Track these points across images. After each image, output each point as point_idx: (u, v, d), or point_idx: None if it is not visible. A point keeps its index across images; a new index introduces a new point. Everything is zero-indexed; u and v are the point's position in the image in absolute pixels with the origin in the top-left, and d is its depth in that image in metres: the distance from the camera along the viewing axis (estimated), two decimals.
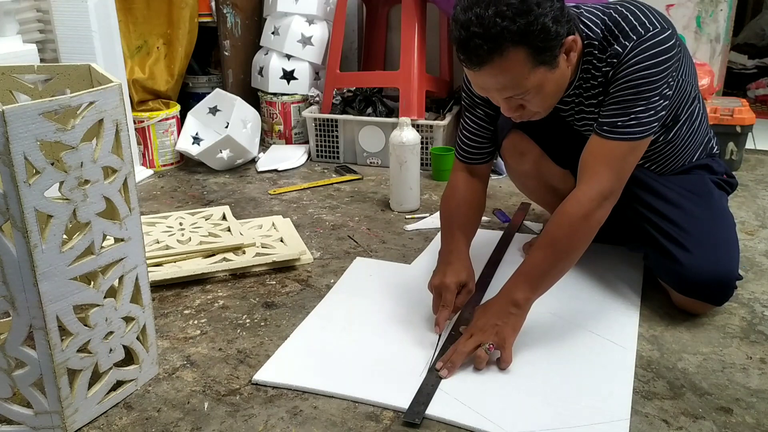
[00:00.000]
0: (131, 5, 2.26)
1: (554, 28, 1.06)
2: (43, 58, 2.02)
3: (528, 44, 1.06)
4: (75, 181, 0.91)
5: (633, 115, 1.14)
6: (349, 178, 2.16)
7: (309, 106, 2.43)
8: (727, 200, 1.42)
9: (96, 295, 0.99)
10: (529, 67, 1.08)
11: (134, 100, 2.26)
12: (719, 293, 1.25)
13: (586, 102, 1.27)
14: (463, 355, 1.12)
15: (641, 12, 1.17)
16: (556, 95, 1.19)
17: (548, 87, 1.14)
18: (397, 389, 1.08)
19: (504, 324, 1.14)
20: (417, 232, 1.73)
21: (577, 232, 1.15)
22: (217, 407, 1.05)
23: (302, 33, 2.39)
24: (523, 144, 1.43)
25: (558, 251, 1.15)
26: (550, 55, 1.09)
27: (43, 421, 0.98)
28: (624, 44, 1.15)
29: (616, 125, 1.15)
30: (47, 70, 1.17)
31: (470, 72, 1.12)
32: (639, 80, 1.13)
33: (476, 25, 1.04)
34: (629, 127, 1.15)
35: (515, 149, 1.45)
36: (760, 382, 1.10)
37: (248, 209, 1.91)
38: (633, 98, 1.14)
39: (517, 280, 1.16)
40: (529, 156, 1.44)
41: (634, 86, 1.14)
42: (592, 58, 1.20)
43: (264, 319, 1.32)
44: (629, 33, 1.15)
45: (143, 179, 2.19)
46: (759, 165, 2.26)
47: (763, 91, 3.16)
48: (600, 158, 1.16)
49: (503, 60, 1.06)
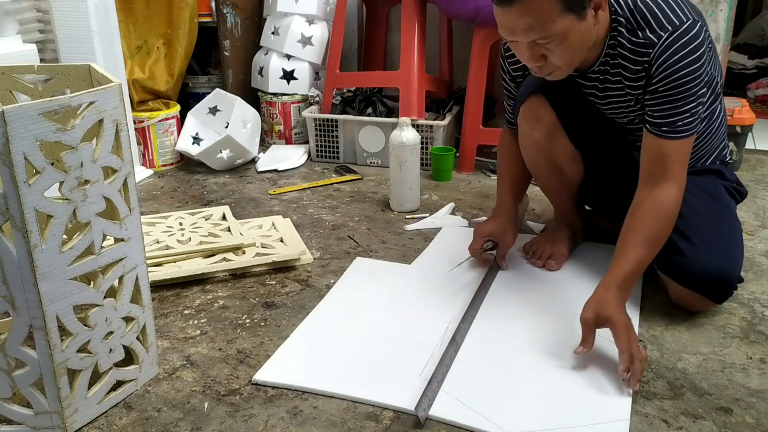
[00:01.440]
0: (131, 5, 2.26)
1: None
2: (43, 58, 2.02)
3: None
4: (75, 181, 0.91)
5: (688, 112, 1.19)
6: (349, 178, 2.16)
7: (309, 106, 2.43)
8: (736, 208, 1.42)
9: (96, 295, 0.99)
10: (558, 11, 1.11)
11: (134, 100, 2.26)
12: (719, 290, 1.25)
13: (612, 79, 1.28)
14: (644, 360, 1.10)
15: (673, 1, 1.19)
16: (579, 51, 1.20)
17: (573, 38, 1.15)
18: (396, 389, 1.08)
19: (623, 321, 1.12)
20: (417, 232, 1.73)
21: (670, 229, 1.22)
22: (217, 407, 1.06)
23: (302, 33, 2.39)
24: (541, 110, 1.42)
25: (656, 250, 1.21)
26: (579, 4, 1.12)
27: (43, 421, 0.98)
28: (659, 34, 1.17)
29: (677, 125, 1.20)
30: (47, 70, 1.17)
31: (500, 12, 1.15)
32: (686, 76, 1.17)
33: None
34: (688, 124, 1.20)
35: (532, 114, 1.44)
36: (760, 382, 1.10)
37: (248, 209, 1.91)
38: (684, 95, 1.18)
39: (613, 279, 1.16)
40: (544, 122, 1.42)
41: (682, 83, 1.17)
42: (618, 35, 1.22)
43: (264, 319, 1.32)
44: (663, 23, 1.17)
45: (143, 179, 2.19)
46: (759, 165, 2.26)
47: (763, 91, 3.16)
48: (674, 158, 1.21)
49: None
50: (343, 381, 1.11)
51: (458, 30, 2.54)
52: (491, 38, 2.08)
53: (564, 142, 1.44)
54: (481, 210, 1.88)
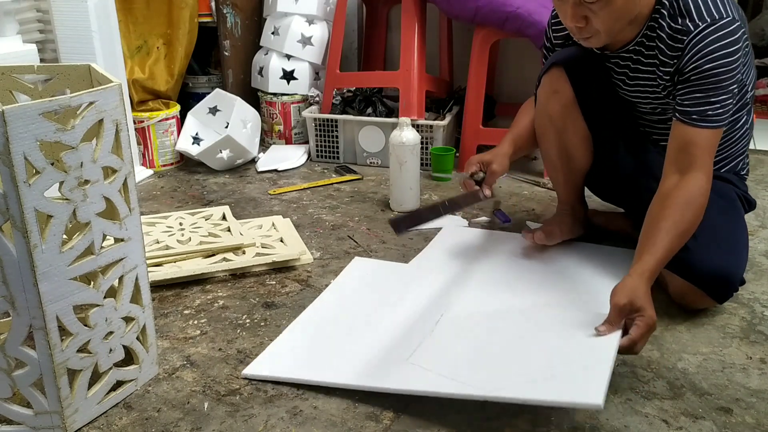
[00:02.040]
0: (131, 5, 2.26)
1: None
2: (43, 58, 2.02)
3: None
4: (75, 181, 0.91)
5: (719, 103, 1.19)
6: (349, 178, 2.16)
7: (309, 106, 2.43)
8: (743, 213, 1.42)
9: (96, 295, 0.99)
10: None
11: (134, 100, 2.26)
12: (721, 288, 1.25)
13: (645, 61, 1.29)
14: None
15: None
16: (621, 18, 1.21)
17: (617, 4, 1.17)
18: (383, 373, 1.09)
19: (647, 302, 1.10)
20: (417, 232, 1.73)
21: (699, 218, 1.20)
22: (217, 407, 1.06)
23: (302, 33, 2.39)
24: (560, 82, 1.42)
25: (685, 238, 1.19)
26: None
27: (43, 421, 0.98)
28: (697, 24, 1.18)
29: (707, 114, 1.19)
30: (47, 70, 1.17)
31: None
32: (718, 68, 1.17)
33: None
34: (718, 115, 1.19)
35: (551, 86, 1.44)
36: (760, 382, 1.10)
37: (248, 209, 1.91)
38: (715, 86, 1.18)
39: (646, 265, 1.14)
40: (561, 96, 1.42)
41: (714, 74, 1.18)
42: (659, 18, 1.23)
43: (264, 319, 1.32)
44: (703, 13, 1.18)
45: (143, 179, 2.19)
46: (759, 165, 2.26)
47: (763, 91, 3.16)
48: (701, 147, 1.20)
49: None
50: (332, 371, 1.11)
51: (458, 30, 2.54)
52: (491, 38, 2.08)
53: (578, 121, 1.43)
54: (482, 210, 1.88)
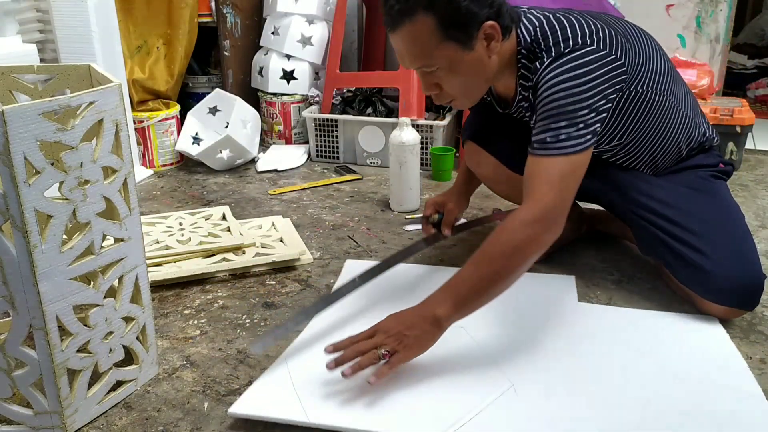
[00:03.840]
0: (131, 5, 2.26)
1: (466, 3, 1.09)
2: (43, 58, 2.02)
3: (436, 13, 1.08)
4: (75, 181, 0.91)
5: (562, 130, 1.11)
6: (349, 178, 2.16)
7: (309, 106, 2.44)
8: (728, 188, 1.39)
9: (96, 295, 0.99)
10: (438, 39, 1.10)
11: (134, 100, 2.26)
12: (749, 298, 1.23)
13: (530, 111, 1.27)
14: (357, 353, 1.02)
15: (575, 25, 1.16)
16: (471, 82, 1.19)
17: (461, 68, 1.15)
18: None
19: (414, 336, 1.03)
20: (417, 233, 1.73)
21: (514, 254, 1.07)
22: (217, 407, 1.05)
23: (302, 33, 2.39)
24: (479, 155, 1.49)
25: (492, 272, 1.06)
26: (462, 33, 1.11)
27: (43, 421, 0.98)
28: (543, 61, 1.15)
29: (546, 141, 1.12)
30: (47, 70, 1.17)
31: (390, 36, 1.16)
32: (559, 97, 1.11)
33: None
34: (559, 142, 1.11)
35: (472, 159, 1.52)
36: (760, 382, 1.10)
37: (248, 209, 1.91)
38: (558, 113, 1.12)
39: (444, 295, 1.06)
40: (486, 165, 1.48)
41: (555, 102, 1.12)
42: (521, 67, 1.21)
43: (264, 319, 1.32)
44: (552, 48, 1.15)
45: (143, 179, 2.19)
46: (759, 165, 2.26)
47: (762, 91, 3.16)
48: (538, 177, 1.12)
49: (413, 25, 1.10)
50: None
51: None
52: None
53: (510, 175, 1.46)
54: (481, 210, 1.88)
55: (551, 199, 1.09)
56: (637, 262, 1.52)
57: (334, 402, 1.02)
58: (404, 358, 1.03)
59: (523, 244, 1.07)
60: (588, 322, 1.27)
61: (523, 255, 1.07)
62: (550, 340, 1.20)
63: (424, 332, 1.04)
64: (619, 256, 1.56)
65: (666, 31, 2.40)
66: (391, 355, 1.02)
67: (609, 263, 1.53)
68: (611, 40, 1.16)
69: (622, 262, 1.53)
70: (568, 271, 1.48)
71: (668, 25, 2.41)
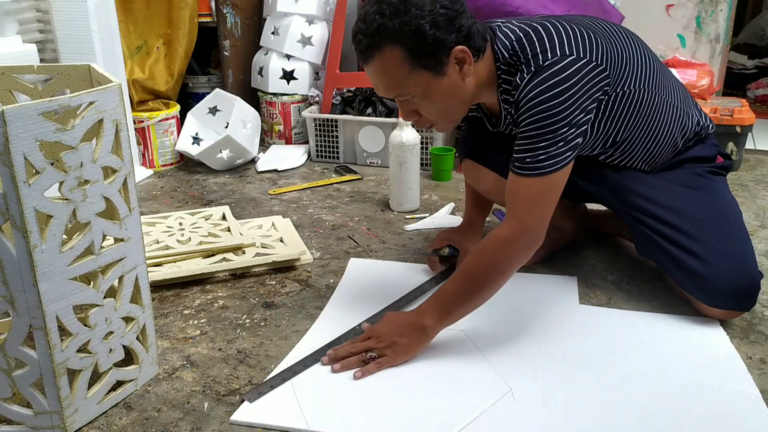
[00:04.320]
0: (131, 5, 2.26)
1: (432, 32, 1.07)
2: (43, 58, 2.02)
3: (403, 44, 1.08)
4: (75, 181, 0.91)
5: (541, 150, 1.12)
6: (349, 178, 2.16)
7: (309, 106, 2.44)
8: (726, 184, 1.38)
9: (96, 295, 0.99)
10: (408, 68, 1.10)
11: (134, 100, 2.26)
12: (747, 299, 1.24)
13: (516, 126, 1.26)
14: (349, 353, 1.14)
15: (552, 34, 1.15)
16: (448, 107, 1.19)
17: (436, 94, 1.14)
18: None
19: (402, 344, 1.13)
20: (417, 233, 1.73)
21: (495, 270, 1.14)
22: (217, 407, 1.05)
23: (302, 33, 2.39)
24: (478, 170, 1.48)
25: (474, 286, 1.14)
26: (432, 61, 1.10)
27: (43, 421, 0.98)
28: (523, 76, 1.13)
29: (525, 161, 1.13)
30: (47, 70, 1.17)
31: (364, 68, 1.16)
32: (538, 116, 1.11)
33: (361, 21, 1.11)
34: (539, 162, 1.12)
35: (471, 175, 1.52)
36: (760, 382, 1.10)
37: (248, 209, 1.91)
38: (537, 133, 1.12)
39: (430, 306, 1.16)
40: (485, 179, 1.47)
41: (535, 122, 1.11)
42: (502, 82, 1.20)
43: (264, 319, 1.32)
44: (530, 61, 1.13)
45: (143, 179, 2.19)
46: (759, 165, 2.26)
47: (762, 91, 3.16)
48: (518, 197, 1.15)
49: (382, 57, 1.10)
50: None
51: None
52: None
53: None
54: None
55: (530, 219, 1.14)
56: (637, 262, 1.52)
57: (333, 409, 1.04)
58: (392, 361, 1.13)
59: (502, 263, 1.14)
60: (588, 324, 1.27)
61: (502, 272, 1.15)
62: (550, 343, 1.21)
63: (412, 339, 1.14)
64: (619, 256, 1.56)
65: (666, 31, 2.40)
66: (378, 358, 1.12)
67: (609, 263, 1.53)
68: (591, 45, 1.15)
69: (622, 262, 1.53)
70: (568, 271, 1.48)
71: (668, 25, 2.41)
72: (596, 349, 1.19)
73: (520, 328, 1.26)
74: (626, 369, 1.13)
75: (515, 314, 1.30)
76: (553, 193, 1.15)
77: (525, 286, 1.42)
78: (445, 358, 1.16)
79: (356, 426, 1.00)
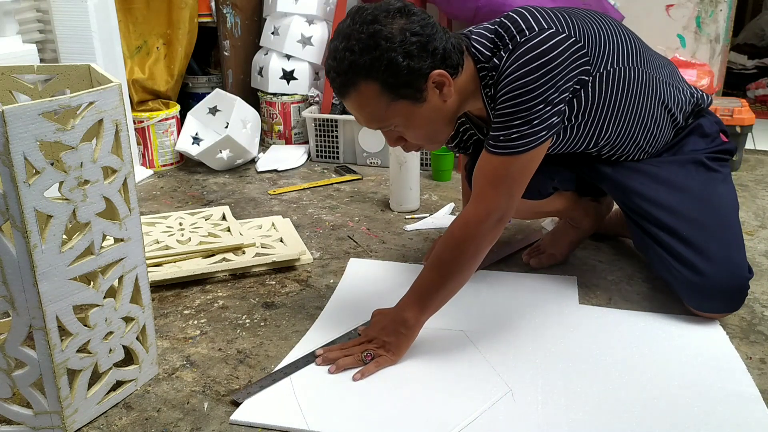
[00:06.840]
0: (131, 5, 2.26)
1: (406, 63, 1.05)
2: (43, 58, 2.02)
3: (377, 78, 1.06)
4: (75, 182, 0.91)
5: (515, 129, 1.10)
6: (349, 178, 2.16)
7: (309, 106, 2.44)
8: (729, 172, 1.35)
9: (96, 295, 0.99)
10: (387, 100, 1.08)
11: (134, 101, 2.26)
12: (735, 302, 1.25)
13: None
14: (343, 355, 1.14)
15: (527, 16, 1.13)
16: (434, 128, 1.17)
17: (418, 121, 1.13)
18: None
19: (391, 342, 1.14)
20: (417, 233, 1.73)
21: (463, 254, 1.12)
22: (216, 407, 1.06)
23: (302, 33, 2.39)
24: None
25: (446, 272, 1.13)
26: (410, 90, 1.08)
27: (43, 422, 0.98)
28: (501, 56, 1.12)
29: (499, 140, 1.11)
30: (47, 70, 1.17)
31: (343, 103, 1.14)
32: (514, 92, 1.09)
33: (332, 59, 1.08)
34: (511, 141, 1.10)
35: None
36: (760, 382, 1.10)
37: (248, 209, 1.91)
38: (512, 111, 1.10)
39: (408, 300, 1.16)
40: None
41: (510, 99, 1.09)
42: (484, 85, 1.18)
43: (264, 320, 1.32)
44: (508, 43, 1.12)
45: (143, 179, 2.19)
46: (759, 165, 2.26)
47: (762, 92, 3.16)
48: (487, 176, 1.13)
49: (358, 94, 1.08)
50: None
51: (458, 29, 2.53)
52: None
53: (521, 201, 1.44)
54: None
55: (496, 199, 1.12)
56: (637, 262, 1.52)
57: (333, 409, 1.04)
58: (388, 361, 1.13)
59: (470, 246, 1.13)
60: (588, 324, 1.27)
61: (471, 256, 1.13)
62: (550, 343, 1.21)
63: (400, 336, 1.15)
64: (619, 256, 1.56)
65: (666, 31, 2.40)
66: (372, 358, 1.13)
67: (609, 263, 1.53)
68: (568, 24, 1.13)
69: (622, 262, 1.53)
70: (567, 271, 1.48)
71: (668, 25, 2.41)
72: (596, 349, 1.19)
73: (520, 328, 1.26)
74: (626, 369, 1.13)
75: (515, 314, 1.30)
76: (523, 173, 1.13)
77: (525, 286, 1.42)
78: (445, 358, 1.16)
79: (356, 426, 1.00)
